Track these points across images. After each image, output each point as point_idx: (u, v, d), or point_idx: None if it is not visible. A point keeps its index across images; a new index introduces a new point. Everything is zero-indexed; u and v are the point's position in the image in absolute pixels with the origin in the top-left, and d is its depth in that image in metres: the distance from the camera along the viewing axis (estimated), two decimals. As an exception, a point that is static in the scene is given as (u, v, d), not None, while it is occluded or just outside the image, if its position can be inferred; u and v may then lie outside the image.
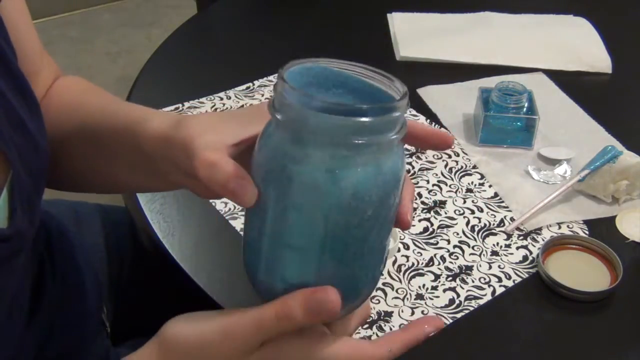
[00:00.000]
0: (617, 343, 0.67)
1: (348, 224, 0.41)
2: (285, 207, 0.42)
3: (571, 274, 0.71)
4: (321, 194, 0.40)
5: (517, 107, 0.90)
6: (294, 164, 0.40)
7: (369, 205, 0.41)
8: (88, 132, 0.59)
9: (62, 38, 2.77)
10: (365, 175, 0.40)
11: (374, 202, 0.41)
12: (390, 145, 0.42)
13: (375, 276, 0.47)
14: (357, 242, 0.43)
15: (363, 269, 0.45)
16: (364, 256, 0.44)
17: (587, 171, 0.82)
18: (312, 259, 0.43)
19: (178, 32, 1.19)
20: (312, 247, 0.42)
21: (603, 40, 1.18)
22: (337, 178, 0.40)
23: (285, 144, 0.41)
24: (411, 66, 1.11)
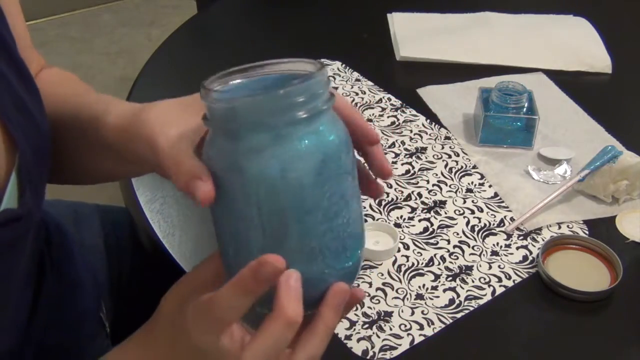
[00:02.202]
0: (617, 343, 0.67)
1: (308, 202, 0.42)
2: (246, 201, 0.42)
3: (571, 274, 0.71)
4: (273, 178, 0.41)
5: (517, 107, 0.90)
6: (240, 159, 0.42)
7: (324, 175, 0.42)
8: (57, 124, 0.60)
9: (62, 38, 2.77)
10: (310, 147, 0.42)
11: (328, 170, 0.43)
12: (324, 114, 0.43)
13: (356, 244, 0.46)
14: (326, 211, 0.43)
15: (338, 238, 0.45)
16: (335, 226, 0.44)
17: (587, 171, 0.82)
18: (280, 243, 0.43)
19: (178, 32, 1.19)
20: (278, 229, 0.42)
21: (603, 40, 1.18)
22: (284, 158, 0.41)
23: (226, 144, 0.42)
24: (411, 66, 1.11)
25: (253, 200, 0.42)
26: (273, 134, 0.41)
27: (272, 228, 0.43)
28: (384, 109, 1.00)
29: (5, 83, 0.52)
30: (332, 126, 0.44)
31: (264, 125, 0.41)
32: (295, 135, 0.42)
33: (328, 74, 0.44)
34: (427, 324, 0.67)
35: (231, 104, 0.42)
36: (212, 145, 0.44)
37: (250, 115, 0.41)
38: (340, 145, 0.44)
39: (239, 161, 0.42)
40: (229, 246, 0.46)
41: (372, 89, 1.04)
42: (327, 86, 0.43)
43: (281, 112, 0.41)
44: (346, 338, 0.66)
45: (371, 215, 0.80)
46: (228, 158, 0.42)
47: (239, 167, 0.42)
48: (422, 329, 0.67)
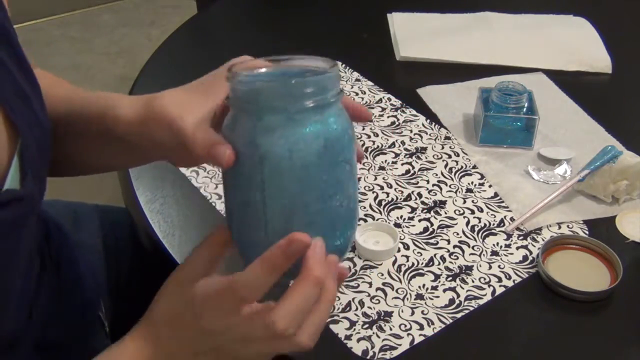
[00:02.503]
0: (617, 343, 0.67)
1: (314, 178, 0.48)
2: (256, 174, 0.48)
3: (571, 274, 0.71)
4: (280, 156, 0.47)
5: (517, 107, 0.90)
6: (256, 135, 0.47)
7: (324, 159, 0.48)
8: (59, 120, 0.62)
9: (62, 38, 2.77)
10: (315, 133, 0.47)
11: (328, 155, 0.48)
12: (332, 106, 0.49)
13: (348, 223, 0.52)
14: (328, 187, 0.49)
15: (339, 215, 0.50)
16: (336, 202, 0.50)
17: (587, 171, 0.82)
18: (281, 214, 0.48)
19: (178, 32, 1.19)
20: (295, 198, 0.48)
21: (603, 40, 1.18)
22: (292, 139, 0.47)
23: (246, 122, 0.48)
24: (411, 66, 1.11)
25: (262, 174, 0.47)
26: (285, 117, 0.47)
27: (275, 200, 0.48)
28: (384, 109, 1.00)
29: (6, 71, 0.53)
30: (338, 118, 0.49)
31: (278, 108, 0.47)
32: (304, 121, 0.47)
33: (340, 72, 0.51)
34: (427, 324, 0.67)
35: (253, 86, 0.48)
36: (233, 123, 0.49)
37: (268, 98, 0.47)
38: (343, 135, 0.49)
39: (255, 137, 0.47)
40: (238, 215, 0.51)
41: (372, 89, 1.04)
42: (337, 82, 0.49)
43: (293, 99, 0.47)
44: (346, 338, 0.66)
45: (371, 215, 0.80)
46: (247, 134, 0.48)
47: (255, 143, 0.47)
48: (422, 329, 0.67)
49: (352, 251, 0.75)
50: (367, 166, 0.88)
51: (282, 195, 0.48)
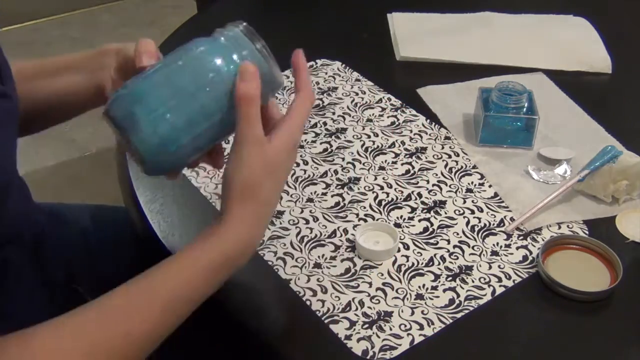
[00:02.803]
0: (617, 343, 0.67)
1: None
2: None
3: (571, 274, 0.71)
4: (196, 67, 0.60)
5: (517, 107, 0.90)
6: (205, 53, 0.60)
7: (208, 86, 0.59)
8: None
9: (62, 38, 2.77)
10: (214, 65, 0.59)
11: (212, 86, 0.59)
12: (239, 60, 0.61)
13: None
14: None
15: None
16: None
17: (587, 171, 0.82)
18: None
19: (178, 32, 1.19)
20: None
21: (603, 40, 1.18)
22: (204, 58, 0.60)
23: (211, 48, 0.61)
24: (411, 66, 1.11)
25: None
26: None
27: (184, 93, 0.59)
28: (384, 109, 1.00)
29: None
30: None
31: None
32: (217, 54, 0.60)
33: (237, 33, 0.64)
34: (427, 324, 0.67)
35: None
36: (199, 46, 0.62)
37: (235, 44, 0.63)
38: (229, 85, 0.58)
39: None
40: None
41: (372, 89, 1.04)
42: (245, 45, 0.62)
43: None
44: (346, 338, 0.66)
45: (371, 215, 0.80)
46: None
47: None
48: (422, 329, 0.67)
49: (352, 251, 0.76)
50: (367, 166, 0.88)
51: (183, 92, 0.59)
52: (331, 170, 0.88)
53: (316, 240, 0.77)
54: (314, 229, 0.79)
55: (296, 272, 0.73)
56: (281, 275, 0.72)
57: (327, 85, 1.05)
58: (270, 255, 0.75)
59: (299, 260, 0.74)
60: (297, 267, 0.74)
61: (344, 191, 0.84)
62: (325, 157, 0.90)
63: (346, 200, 0.83)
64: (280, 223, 0.79)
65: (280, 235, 0.78)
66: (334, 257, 0.75)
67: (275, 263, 0.74)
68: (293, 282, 0.72)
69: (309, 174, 0.87)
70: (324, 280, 0.72)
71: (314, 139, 0.93)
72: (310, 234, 0.78)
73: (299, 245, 0.76)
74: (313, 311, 0.68)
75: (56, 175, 1.98)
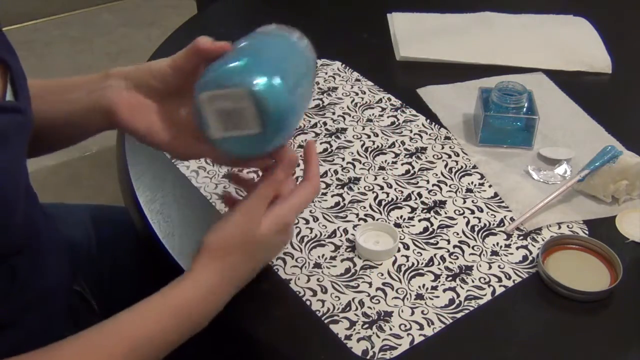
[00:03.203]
0: (617, 343, 0.67)
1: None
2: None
3: (571, 274, 0.71)
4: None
5: (517, 107, 0.90)
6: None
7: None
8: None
9: (62, 38, 2.77)
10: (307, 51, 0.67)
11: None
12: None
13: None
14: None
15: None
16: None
17: (587, 171, 0.82)
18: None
19: (178, 32, 1.19)
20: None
21: (603, 40, 1.18)
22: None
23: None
24: (411, 66, 1.11)
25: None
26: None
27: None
28: (384, 109, 1.00)
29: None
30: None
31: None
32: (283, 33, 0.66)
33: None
34: (427, 324, 0.67)
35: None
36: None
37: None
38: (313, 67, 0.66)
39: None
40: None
41: (372, 89, 1.04)
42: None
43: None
44: (346, 338, 0.66)
45: (371, 215, 0.80)
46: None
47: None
48: (422, 329, 0.67)
49: (352, 251, 0.76)
50: (367, 166, 0.88)
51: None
52: (331, 170, 0.88)
53: (316, 240, 0.77)
54: (314, 229, 0.79)
55: (296, 272, 0.73)
56: (281, 275, 0.72)
57: (327, 85, 1.05)
58: (270, 255, 0.75)
59: (299, 260, 0.74)
60: (297, 267, 0.74)
61: (344, 191, 0.84)
62: (325, 157, 0.90)
63: (346, 200, 0.83)
64: (280, 223, 0.79)
65: (280, 235, 0.78)
66: (334, 257, 0.75)
67: (275, 263, 0.74)
68: (293, 282, 0.72)
69: (309, 174, 0.87)
70: (324, 280, 0.72)
71: (313, 138, 0.93)
72: (310, 234, 0.78)
73: (299, 245, 0.76)
74: (313, 311, 0.68)
75: (56, 175, 1.98)
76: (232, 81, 0.57)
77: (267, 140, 0.59)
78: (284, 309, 0.70)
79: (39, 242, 0.70)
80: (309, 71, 0.65)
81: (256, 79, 0.56)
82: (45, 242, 0.71)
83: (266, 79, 0.56)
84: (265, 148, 0.60)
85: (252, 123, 0.57)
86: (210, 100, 0.57)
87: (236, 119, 0.57)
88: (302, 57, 0.65)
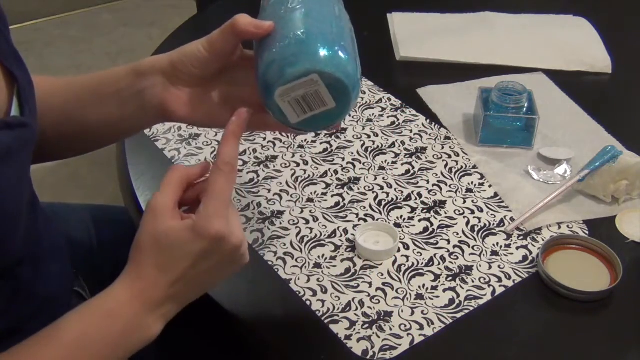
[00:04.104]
0: (617, 343, 0.67)
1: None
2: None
3: (571, 274, 0.71)
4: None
5: (517, 107, 0.90)
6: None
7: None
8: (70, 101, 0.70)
9: (62, 38, 2.77)
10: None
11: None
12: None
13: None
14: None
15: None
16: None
17: (587, 171, 0.82)
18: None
19: (178, 32, 1.19)
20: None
21: (603, 40, 1.18)
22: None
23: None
24: (411, 66, 1.11)
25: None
26: None
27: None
28: (384, 109, 1.00)
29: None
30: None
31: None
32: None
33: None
34: (427, 324, 0.67)
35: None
36: None
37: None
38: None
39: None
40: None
41: (372, 89, 1.04)
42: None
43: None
44: (346, 338, 0.66)
45: (371, 215, 0.80)
46: None
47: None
48: (422, 329, 0.67)
49: (352, 251, 0.76)
50: (367, 166, 0.88)
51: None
52: (331, 170, 0.88)
53: (316, 240, 0.77)
54: (314, 229, 0.79)
55: (296, 272, 0.73)
56: (281, 275, 0.72)
57: (327, 85, 1.05)
58: (270, 255, 0.75)
59: (299, 260, 0.74)
60: (297, 267, 0.74)
61: (344, 191, 0.84)
62: (325, 157, 0.90)
63: (346, 200, 0.83)
64: (280, 223, 0.79)
65: (280, 235, 0.78)
66: (334, 257, 0.75)
67: (275, 263, 0.74)
68: (293, 282, 0.72)
69: (309, 174, 0.87)
70: (324, 280, 0.72)
71: (314, 139, 0.93)
72: (310, 234, 0.78)
73: (299, 245, 0.76)
74: (313, 311, 0.68)
75: (56, 175, 1.98)
76: (298, 69, 0.55)
77: (344, 108, 0.57)
78: (284, 309, 0.70)
79: (41, 249, 0.69)
80: (349, 22, 0.63)
81: (319, 58, 0.54)
82: (47, 248, 0.71)
83: (328, 53, 0.55)
84: (343, 114, 0.58)
85: (327, 100, 0.56)
86: (282, 94, 0.56)
87: (311, 101, 0.56)
88: (343, 10, 0.63)
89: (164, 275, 0.56)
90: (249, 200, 0.82)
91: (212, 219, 0.54)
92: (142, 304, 0.56)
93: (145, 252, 0.56)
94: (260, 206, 0.82)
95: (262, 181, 0.85)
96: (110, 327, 0.56)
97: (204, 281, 0.58)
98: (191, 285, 0.57)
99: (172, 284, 0.56)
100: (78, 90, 0.69)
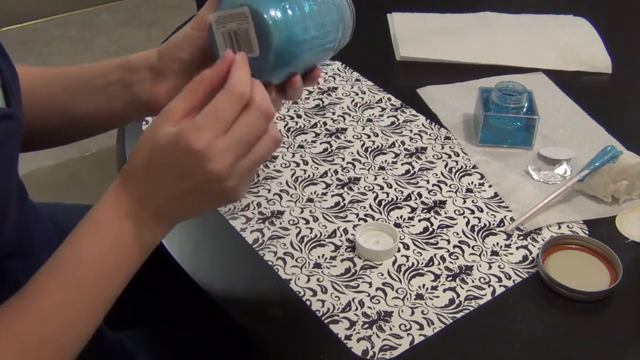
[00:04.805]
0: (617, 343, 0.67)
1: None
2: None
3: (571, 274, 0.71)
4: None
5: (517, 107, 0.90)
6: None
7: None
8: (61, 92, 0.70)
9: (62, 38, 2.77)
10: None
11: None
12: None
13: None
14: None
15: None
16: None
17: (587, 171, 0.82)
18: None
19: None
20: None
21: (603, 40, 1.18)
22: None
23: None
24: (411, 66, 1.11)
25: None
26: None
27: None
28: (384, 109, 1.00)
29: None
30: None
31: None
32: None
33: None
34: (427, 324, 0.67)
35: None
36: None
37: None
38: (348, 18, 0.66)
39: None
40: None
41: (372, 89, 1.04)
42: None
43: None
44: (346, 338, 0.66)
45: (371, 215, 0.80)
46: None
47: None
48: (422, 329, 0.67)
49: (352, 251, 0.76)
50: (367, 166, 0.88)
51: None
52: (331, 170, 0.88)
53: (316, 240, 0.77)
54: (314, 229, 0.79)
55: (296, 272, 0.73)
56: (281, 275, 0.72)
57: (327, 85, 1.05)
58: (270, 255, 0.75)
59: (299, 260, 0.74)
60: (297, 267, 0.74)
61: (344, 191, 0.84)
62: (325, 157, 0.90)
63: (346, 200, 0.83)
64: (280, 223, 0.79)
65: (280, 235, 0.78)
66: (334, 257, 0.75)
67: (275, 263, 0.74)
68: (293, 282, 0.72)
69: (309, 174, 0.87)
70: (324, 280, 0.72)
71: (314, 139, 0.93)
72: (310, 234, 0.78)
73: (299, 245, 0.76)
74: (313, 311, 0.68)
75: (56, 175, 1.98)
76: (239, 1, 0.55)
77: (266, 68, 0.56)
78: (284, 309, 0.70)
79: (30, 242, 0.69)
80: (339, 20, 0.63)
81: (264, 2, 0.55)
82: (36, 242, 0.71)
83: (274, 4, 0.55)
84: (266, 76, 0.56)
85: (253, 45, 0.55)
86: (218, 21, 0.56)
87: (241, 40, 0.56)
88: (334, 4, 0.61)
89: (146, 178, 0.54)
90: (249, 200, 0.82)
91: (199, 132, 0.50)
92: (127, 209, 0.55)
93: (136, 154, 0.54)
94: (260, 206, 0.82)
95: (262, 181, 0.85)
96: (100, 241, 0.57)
97: (189, 201, 0.55)
98: (176, 202, 0.54)
99: (155, 192, 0.54)
100: (66, 82, 0.70)
